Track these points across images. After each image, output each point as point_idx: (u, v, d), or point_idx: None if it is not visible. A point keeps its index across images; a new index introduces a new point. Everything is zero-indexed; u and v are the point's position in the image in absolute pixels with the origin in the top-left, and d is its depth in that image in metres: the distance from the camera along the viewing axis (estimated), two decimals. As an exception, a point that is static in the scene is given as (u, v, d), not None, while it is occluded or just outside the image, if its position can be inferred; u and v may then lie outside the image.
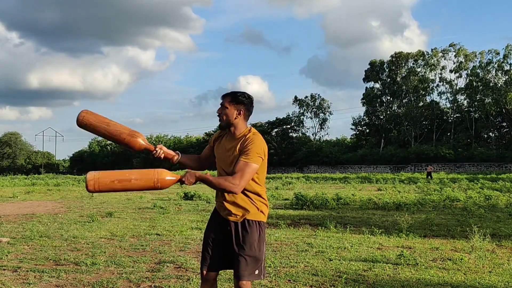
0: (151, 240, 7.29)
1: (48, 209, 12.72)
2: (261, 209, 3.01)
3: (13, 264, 5.57)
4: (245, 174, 2.86)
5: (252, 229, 2.97)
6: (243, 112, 3.04)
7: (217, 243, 3.07)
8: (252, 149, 2.89)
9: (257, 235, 2.97)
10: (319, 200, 12.44)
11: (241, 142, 2.97)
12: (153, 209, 12.12)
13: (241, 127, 3.05)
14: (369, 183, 29.02)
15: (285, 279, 4.86)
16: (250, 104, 3.08)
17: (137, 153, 77.34)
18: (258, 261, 2.96)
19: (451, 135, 60.88)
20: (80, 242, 7.08)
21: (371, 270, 5.24)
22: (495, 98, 55.95)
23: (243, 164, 2.87)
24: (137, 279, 4.89)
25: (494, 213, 10.75)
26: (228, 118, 3.03)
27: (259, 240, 2.97)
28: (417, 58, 63.25)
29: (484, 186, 22.17)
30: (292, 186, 24.90)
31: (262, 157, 2.93)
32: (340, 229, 8.19)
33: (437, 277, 4.94)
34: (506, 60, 57.39)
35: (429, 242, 7.06)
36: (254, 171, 2.90)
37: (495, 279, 4.90)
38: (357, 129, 70.04)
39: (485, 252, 6.21)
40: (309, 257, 5.92)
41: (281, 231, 8.07)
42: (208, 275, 3.08)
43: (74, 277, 4.98)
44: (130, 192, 23.34)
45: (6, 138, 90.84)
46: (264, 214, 3.04)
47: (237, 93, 3.06)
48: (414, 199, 13.39)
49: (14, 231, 8.25)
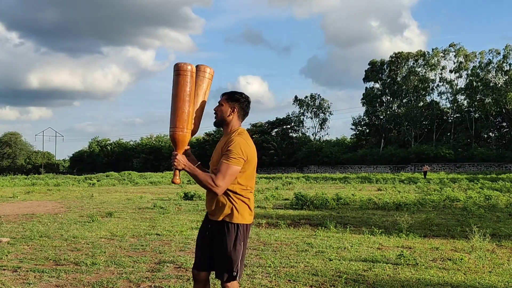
0: (151, 240, 7.29)
1: (48, 209, 12.72)
2: (241, 212, 2.96)
3: (13, 264, 5.57)
4: (226, 176, 2.85)
5: (228, 230, 2.95)
6: (237, 110, 3.05)
7: (205, 242, 3.06)
8: (232, 150, 2.88)
9: (234, 237, 2.94)
10: (319, 200, 12.44)
11: (226, 141, 2.96)
12: (153, 209, 12.12)
13: (233, 125, 3.05)
14: (369, 183, 29.02)
15: (285, 279, 4.86)
16: (246, 104, 3.08)
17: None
18: (233, 262, 2.93)
19: (451, 135, 60.87)
20: (80, 242, 7.08)
21: (371, 270, 5.24)
22: (495, 98, 55.94)
23: (224, 165, 2.86)
24: (137, 279, 4.89)
25: (494, 213, 10.75)
26: (222, 114, 3.05)
27: (235, 241, 2.94)
28: (418, 58, 63.25)
29: (484, 186, 22.18)
30: (292, 186, 24.90)
31: (243, 159, 2.89)
32: (340, 229, 8.19)
33: (437, 277, 4.94)
34: (506, 60, 57.39)
35: (429, 242, 7.06)
36: (235, 173, 2.88)
37: (495, 279, 4.90)
38: (357, 129, 70.04)
39: (485, 252, 6.21)
40: (309, 257, 5.92)
41: (281, 231, 8.06)
42: (198, 275, 3.07)
43: (74, 277, 4.98)
44: (130, 192, 23.30)
45: (6, 138, 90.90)
46: (244, 216, 2.98)
47: (234, 92, 3.09)
48: (414, 199, 13.39)
49: (14, 231, 8.25)
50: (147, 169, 65.62)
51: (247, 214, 3.00)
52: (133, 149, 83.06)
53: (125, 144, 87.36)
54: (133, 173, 47.96)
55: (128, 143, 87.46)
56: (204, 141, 68.82)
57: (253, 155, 2.99)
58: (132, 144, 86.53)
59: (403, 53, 64.19)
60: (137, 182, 31.81)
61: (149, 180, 33.66)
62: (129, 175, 42.54)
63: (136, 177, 39.26)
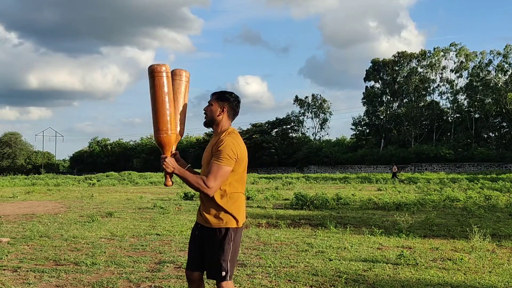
0: (151, 240, 7.29)
1: (48, 209, 12.72)
2: (232, 213, 2.94)
3: (13, 264, 5.57)
4: (218, 177, 2.84)
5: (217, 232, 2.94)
6: (226, 109, 3.03)
7: (197, 242, 3.05)
8: (222, 151, 2.86)
9: (222, 237, 2.92)
10: (319, 200, 12.43)
11: (216, 142, 2.95)
12: (153, 209, 12.12)
13: (223, 125, 3.04)
14: (369, 183, 29.03)
15: (285, 279, 4.86)
16: (235, 103, 3.07)
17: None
18: (221, 263, 2.92)
19: (451, 135, 60.83)
20: (80, 242, 7.08)
21: (371, 270, 5.24)
22: (495, 98, 55.90)
23: (215, 166, 2.85)
24: (137, 279, 4.89)
25: (494, 213, 10.75)
26: (212, 114, 3.04)
27: (223, 242, 2.92)
28: (419, 58, 63.24)
29: (484, 186, 22.18)
30: (292, 186, 24.89)
31: (234, 159, 2.88)
32: (340, 229, 8.19)
33: (437, 277, 4.94)
34: (506, 60, 57.37)
35: (429, 242, 7.05)
36: (226, 174, 2.87)
37: (495, 279, 4.89)
38: (357, 129, 69.97)
39: (485, 252, 6.21)
40: (309, 257, 5.92)
41: (281, 231, 8.06)
42: (192, 275, 3.06)
43: (74, 277, 4.98)
44: (130, 192, 23.32)
45: (6, 138, 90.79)
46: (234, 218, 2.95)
47: (224, 92, 3.08)
48: (414, 199, 13.38)
49: (14, 231, 8.25)
50: (147, 169, 65.52)
51: (237, 215, 2.96)
52: (133, 149, 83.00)
53: (125, 144, 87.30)
54: (133, 173, 47.93)
55: (128, 143, 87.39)
56: (204, 141, 68.88)
57: (243, 155, 2.97)
58: (132, 144, 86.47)
59: (405, 53, 64.17)
60: (137, 182, 31.81)
61: (149, 180, 33.66)
62: (129, 175, 42.53)
63: (136, 177, 39.25)
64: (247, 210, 10.95)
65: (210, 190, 2.84)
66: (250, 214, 10.67)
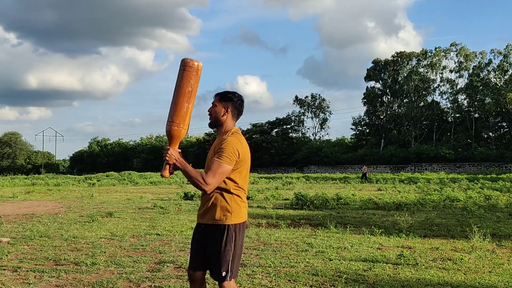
0: (151, 240, 7.29)
1: (48, 209, 12.72)
2: (233, 212, 2.95)
3: (13, 264, 5.57)
4: (217, 175, 2.84)
5: (219, 231, 2.94)
6: (230, 109, 3.04)
7: (199, 242, 3.05)
8: (225, 149, 2.88)
9: (224, 237, 2.93)
10: (319, 200, 12.44)
11: (220, 142, 2.96)
12: (153, 209, 12.12)
13: (228, 125, 3.05)
14: (369, 183, 29.02)
15: (285, 279, 4.86)
16: (239, 103, 3.08)
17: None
18: (223, 262, 2.92)
19: (451, 135, 60.81)
20: (80, 242, 7.08)
21: (371, 270, 5.24)
22: (495, 98, 55.89)
23: (215, 164, 2.86)
24: (137, 279, 4.89)
25: (494, 213, 10.75)
26: (216, 115, 3.05)
27: (225, 242, 2.92)
28: (420, 58, 63.21)
29: (484, 186, 22.17)
30: (292, 186, 24.90)
31: (235, 159, 2.89)
32: (340, 229, 8.19)
33: (437, 277, 4.94)
34: (506, 60, 57.36)
35: (429, 242, 7.06)
36: (226, 172, 2.88)
37: (495, 279, 4.89)
38: (357, 129, 69.98)
39: (485, 252, 6.21)
40: (309, 257, 5.92)
41: (281, 231, 8.06)
42: (194, 275, 3.06)
43: (74, 277, 4.98)
44: (130, 192, 23.33)
45: (6, 138, 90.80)
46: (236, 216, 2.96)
47: (227, 92, 3.09)
48: (414, 199, 13.38)
49: (14, 231, 8.25)
50: (147, 169, 65.51)
51: (239, 214, 2.98)
52: (133, 149, 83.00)
53: (125, 144, 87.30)
54: (133, 173, 47.92)
55: (128, 143, 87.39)
56: (204, 141, 68.86)
57: (246, 155, 2.98)
58: (132, 144, 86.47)
59: (405, 53, 64.17)
60: (137, 182, 31.81)
61: (149, 180, 33.66)
62: (129, 175, 42.53)
63: (136, 177, 39.25)
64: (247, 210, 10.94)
65: (208, 186, 2.84)
66: (250, 214, 10.67)
